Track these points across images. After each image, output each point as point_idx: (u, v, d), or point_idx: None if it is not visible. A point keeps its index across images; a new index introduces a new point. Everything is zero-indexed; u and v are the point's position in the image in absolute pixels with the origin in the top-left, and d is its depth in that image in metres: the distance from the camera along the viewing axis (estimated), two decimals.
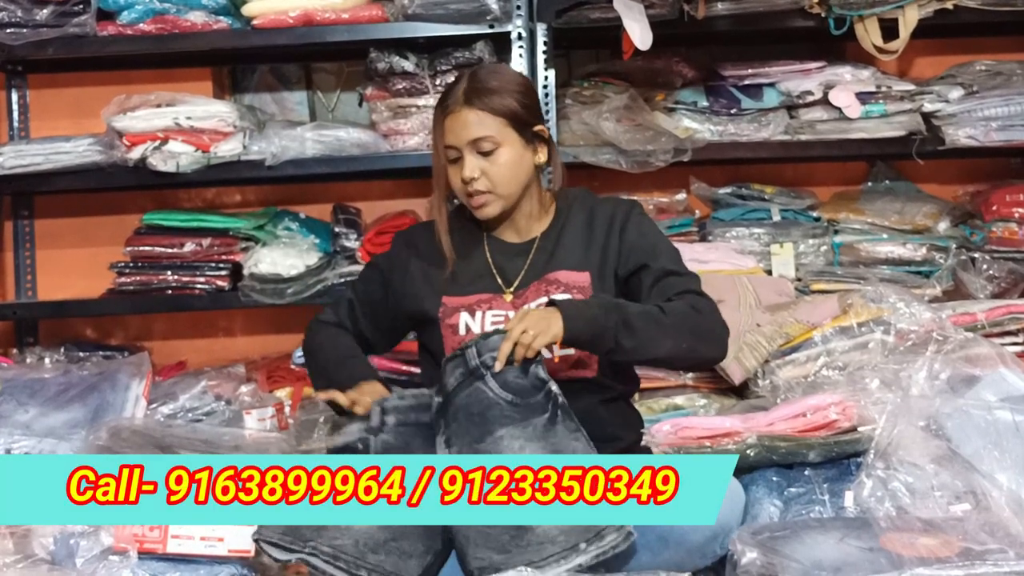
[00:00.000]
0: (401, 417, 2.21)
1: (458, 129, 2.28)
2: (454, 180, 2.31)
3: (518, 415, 2.12)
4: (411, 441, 2.19)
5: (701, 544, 2.09)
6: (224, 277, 3.27)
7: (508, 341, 2.10)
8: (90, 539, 2.26)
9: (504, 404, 2.13)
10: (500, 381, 2.13)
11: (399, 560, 2.05)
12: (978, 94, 3.26)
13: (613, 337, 2.13)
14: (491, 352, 2.13)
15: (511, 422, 2.11)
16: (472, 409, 2.13)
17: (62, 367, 3.14)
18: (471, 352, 2.14)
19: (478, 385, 2.14)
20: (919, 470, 2.19)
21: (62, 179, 3.22)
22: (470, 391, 2.14)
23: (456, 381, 2.15)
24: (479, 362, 2.14)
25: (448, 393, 2.16)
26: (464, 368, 2.15)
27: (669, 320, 2.17)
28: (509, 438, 2.11)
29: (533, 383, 2.13)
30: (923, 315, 2.79)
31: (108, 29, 3.17)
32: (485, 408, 2.13)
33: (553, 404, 2.11)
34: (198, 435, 2.73)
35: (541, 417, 2.11)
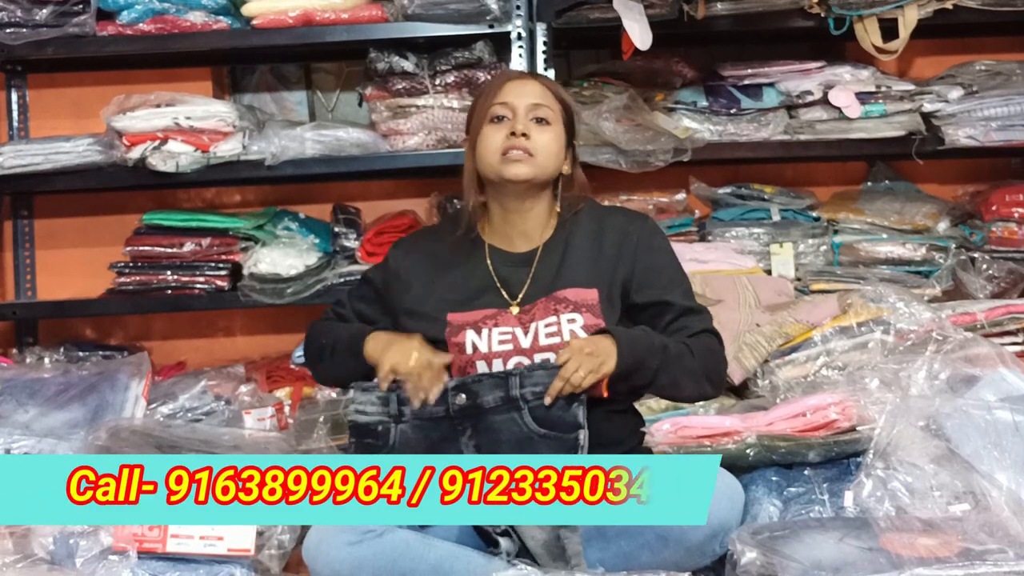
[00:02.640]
0: (416, 410, 2.19)
1: (523, 92, 2.26)
2: (493, 138, 2.24)
3: (546, 448, 2.13)
4: (430, 435, 2.18)
5: (700, 543, 2.09)
6: (224, 277, 3.27)
7: (559, 380, 2.10)
8: (89, 539, 2.26)
9: (536, 438, 2.15)
10: (537, 416, 2.14)
11: None
12: (978, 94, 3.26)
13: (652, 375, 2.16)
14: (534, 387, 2.14)
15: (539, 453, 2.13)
16: (503, 436, 2.16)
17: (62, 367, 3.15)
18: (514, 381, 2.15)
19: (514, 415, 2.15)
20: (918, 470, 2.19)
21: (62, 179, 3.22)
22: (505, 418, 2.16)
23: (493, 402, 2.15)
24: (520, 394, 2.14)
25: (480, 406, 2.16)
26: (504, 393, 2.15)
27: (696, 363, 2.20)
28: None
29: (569, 422, 2.14)
30: (923, 315, 2.80)
31: (108, 29, 3.17)
32: (517, 437, 2.15)
33: (576, 451, 2.13)
34: (197, 435, 2.73)
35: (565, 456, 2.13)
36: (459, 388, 2.16)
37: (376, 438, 2.19)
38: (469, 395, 2.16)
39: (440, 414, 2.17)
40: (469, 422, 2.16)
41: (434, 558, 2.09)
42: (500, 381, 2.15)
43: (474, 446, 2.16)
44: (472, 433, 2.16)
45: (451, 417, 2.16)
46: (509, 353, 2.21)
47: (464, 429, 2.16)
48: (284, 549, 2.35)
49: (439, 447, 2.17)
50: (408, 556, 2.08)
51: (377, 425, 2.20)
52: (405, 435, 2.19)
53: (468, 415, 2.16)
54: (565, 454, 2.11)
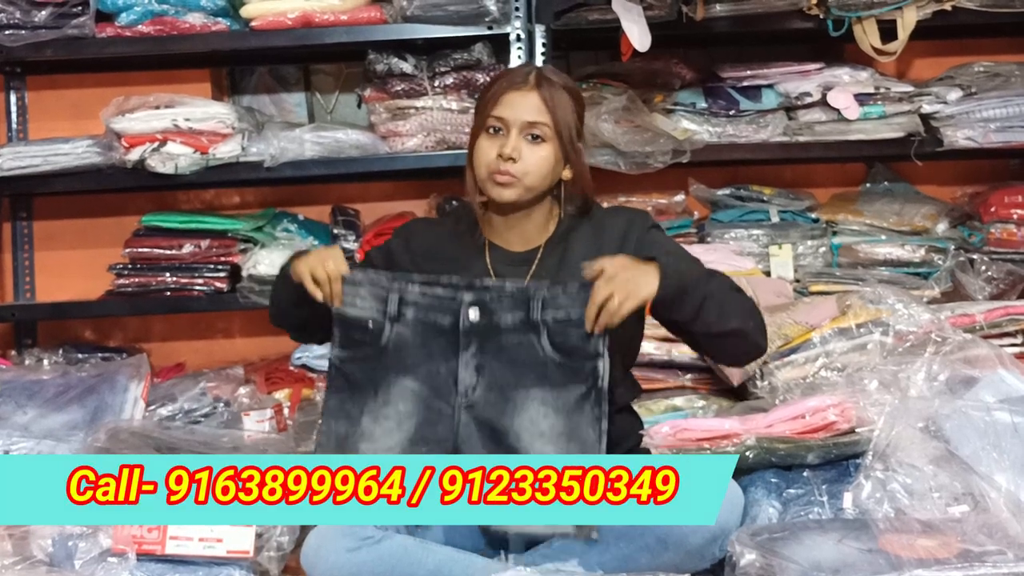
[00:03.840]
0: (420, 315, 2.15)
1: (521, 106, 2.22)
2: (486, 152, 2.23)
3: (560, 377, 2.10)
4: (429, 342, 2.15)
5: (700, 546, 2.09)
6: (223, 279, 3.27)
7: (593, 306, 2.05)
8: (89, 540, 2.26)
9: (551, 364, 2.11)
10: (555, 341, 2.10)
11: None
12: (976, 95, 3.26)
13: (699, 303, 2.10)
14: (555, 311, 2.09)
15: (551, 384, 2.11)
16: (517, 356, 2.12)
17: (60, 369, 3.15)
18: (535, 305, 2.10)
19: (531, 337, 2.11)
20: (918, 471, 2.19)
21: (61, 180, 3.23)
22: (521, 339, 2.12)
23: (510, 322, 2.11)
24: (540, 318, 2.10)
25: (495, 324, 2.12)
26: (524, 315, 2.11)
27: (741, 298, 2.17)
28: (539, 402, 2.12)
29: (588, 351, 2.09)
30: (922, 316, 2.80)
31: (107, 31, 3.17)
32: (531, 362, 2.11)
33: (593, 381, 2.09)
34: (196, 437, 2.74)
35: (578, 388, 2.10)
36: (475, 303, 2.12)
37: (364, 332, 2.16)
38: (484, 312, 2.12)
39: (445, 324, 2.14)
40: (477, 339, 2.13)
41: (432, 563, 2.09)
42: (520, 303, 2.11)
43: (475, 366, 2.13)
44: (477, 351, 2.13)
45: (459, 332, 2.13)
46: None
47: (469, 345, 2.14)
48: (283, 551, 2.35)
49: (435, 359, 2.15)
50: (406, 561, 2.08)
51: (367, 321, 2.16)
52: (402, 338, 2.16)
53: (478, 332, 2.13)
54: (579, 384, 2.09)
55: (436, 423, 2.16)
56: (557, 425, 2.11)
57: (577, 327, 2.09)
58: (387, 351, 2.16)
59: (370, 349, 2.16)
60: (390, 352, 2.16)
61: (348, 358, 2.18)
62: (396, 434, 2.16)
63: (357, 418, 2.17)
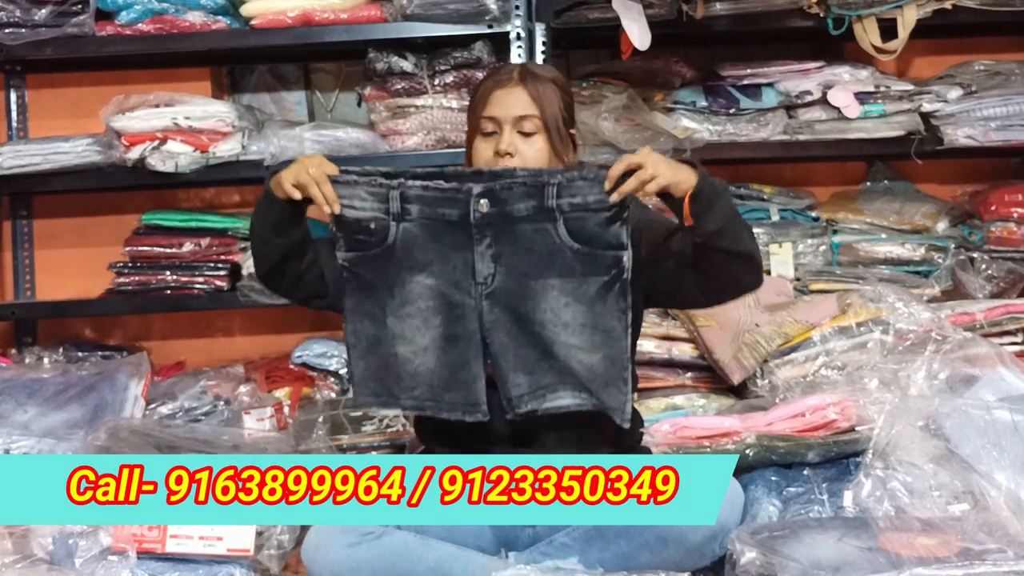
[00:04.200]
0: (427, 209, 2.07)
1: (508, 103, 2.23)
2: (483, 152, 2.23)
3: (579, 267, 2.04)
4: (440, 238, 2.08)
5: (700, 544, 2.09)
6: (223, 277, 3.27)
7: (622, 163, 1.99)
8: (89, 539, 2.26)
9: (568, 252, 2.05)
10: (573, 228, 2.03)
11: (468, 392, 2.11)
12: (977, 94, 3.26)
13: (727, 217, 2.05)
14: (572, 198, 2.02)
15: (569, 274, 2.05)
16: (533, 246, 2.05)
17: (61, 367, 3.15)
18: (550, 190, 2.02)
19: (547, 226, 2.04)
20: (918, 470, 2.20)
21: (61, 179, 3.22)
22: (536, 228, 2.05)
23: (523, 211, 2.04)
24: (555, 204, 2.03)
25: (507, 213, 2.05)
26: (538, 203, 2.03)
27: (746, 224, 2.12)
28: (559, 291, 2.06)
29: (610, 239, 2.03)
30: (922, 315, 2.80)
31: (107, 29, 3.17)
32: (547, 251, 2.05)
33: (617, 273, 2.04)
34: (197, 435, 2.74)
35: (600, 279, 2.04)
36: (485, 194, 2.04)
37: (370, 235, 2.09)
38: (495, 202, 2.05)
39: (454, 218, 2.07)
40: (490, 230, 2.06)
41: (433, 559, 2.10)
42: (534, 190, 2.03)
43: (492, 256, 2.07)
44: (492, 242, 2.07)
45: (470, 224, 2.06)
46: None
47: (483, 237, 2.07)
48: (283, 549, 2.35)
49: (448, 254, 2.08)
50: (407, 558, 2.08)
51: (370, 222, 2.09)
52: (410, 234, 2.08)
53: (491, 223, 2.06)
54: (600, 275, 2.04)
55: (462, 317, 2.09)
56: (579, 315, 2.06)
57: (595, 212, 2.01)
58: (396, 250, 2.09)
59: (378, 249, 2.09)
60: (399, 250, 2.09)
61: (357, 259, 2.12)
62: (426, 332, 2.11)
63: (382, 319, 2.12)
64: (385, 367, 2.14)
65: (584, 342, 2.07)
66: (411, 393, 2.14)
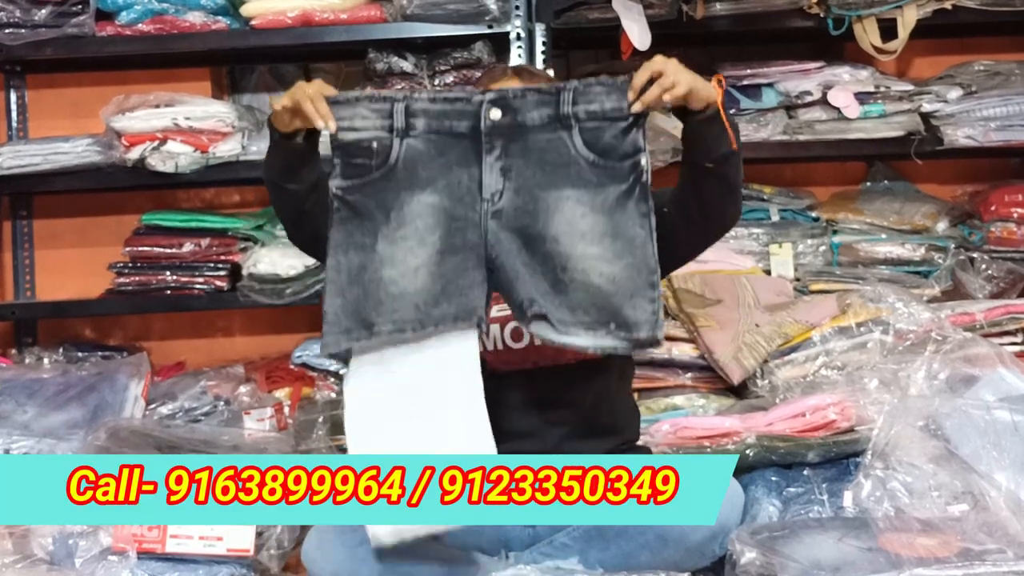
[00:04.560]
0: (433, 123, 2.00)
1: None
2: None
3: (595, 178, 1.97)
4: (447, 151, 2.00)
5: (700, 544, 2.09)
6: (223, 277, 3.27)
7: (645, 71, 1.93)
8: (89, 539, 2.27)
9: (584, 164, 1.97)
10: (588, 138, 1.97)
11: (463, 299, 1.98)
12: (977, 94, 3.26)
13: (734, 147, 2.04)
14: (588, 104, 1.96)
15: (585, 185, 1.97)
16: (547, 156, 1.98)
17: (61, 367, 3.15)
18: (566, 96, 1.96)
19: (561, 135, 1.98)
20: (917, 470, 2.19)
21: (61, 179, 3.22)
22: (551, 137, 1.98)
23: (537, 120, 1.98)
24: (571, 111, 1.97)
25: (520, 122, 1.98)
26: (553, 111, 1.97)
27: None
28: (575, 202, 1.97)
29: (626, 149, 1.97)
30: (922, 315, 2.80)
31: (107, 29, 3.17)
32: (562, 161, 1.98)
33: (636, 178, 1.96)
34: (197, 435, 2.74)
35: (618, 187, 1.97)
36: (496, 102, 1.98)
37: (370, 156, 2.00)
38: (508, 110, 1.98)
39: (463, 129, 2.00)
40: (501, 140, 1.99)
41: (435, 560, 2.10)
42: (549, 97, 1.97)
43: (501, 169, 1.99)
44: (502, 153, 1.99)
45: (480, 134, 1.99)
46: (507, 318, 2.21)
47: (493, 148, 1.99)
48: (283, 549, 2.35)
49: (453, 169, 2.00)
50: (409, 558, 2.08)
51: (371, 141, 1.99)
52: (414, 151, 1.99)
53: (502, 132, 1.99)
54: (618, 183, 1.97)
55: (464, 229, 2.00)
56: (598, 224, 1.97)
57: (612, 120, 1.96)
58: (397, 170, 2.00)
59: (377, 173, 2.00)
60: (401, 170, 1.99)
61: (352, 187, 2.01)
62: (420, 251, 1.98)
63: (371, 246, 1.99)
64: (365, 296, 1.98)
65: (605, 251, 1.96)
66: (390, 317, 1.96)
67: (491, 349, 2.24)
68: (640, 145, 1.96)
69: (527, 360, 2.24)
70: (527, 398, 2.23)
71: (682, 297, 3.00)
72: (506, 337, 2.24)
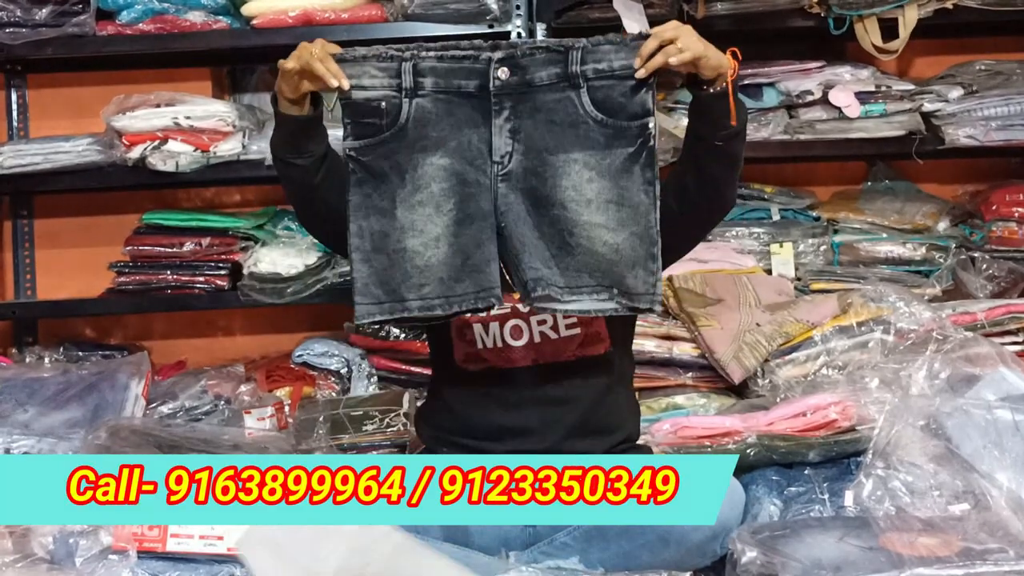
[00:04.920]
0: (441, 82, 1.99)
1: None
2: None
3: (603, 139, 1.97)
4: (455, 111, 2.00)
5: (701, 544, 2.09)
6: (223, 277, 3.27)
7: (655, 40, 1.94)
8: (89, 538, 2.26)
9: (592, 124, 1.97)
10: (597, 98, 1.97)
11: (480, 276, 2.02)
12: (978, 94, 3.26)
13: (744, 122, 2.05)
14: (597, 64, 1.96)
15: (593, 147, 1.98)
16: (555, 117, 1.98)
17: (61, 367, 3.15)
18: (574, 55, 1.95)
19: (570, 95, 1.97)
20: (919, 469, 2.19)
21: (61, 179, 3.22)
22: (559, 97, 1.98)
23: (545, 79, 1.97)
24: (579, 71, 1.96)
25: (528, 81, 1.98)
26: (561, 70, 1.97)
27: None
28: (582, 165, 1.99)
29: (635, 109, 1.97)
30: (923, 314, 2.80)
31: (107, 29, 3.17)
32: (570, 122, 1.98)
33: (643, 141, 1.97)
34: (197, 435, 2.73)
35: (625, 150, 1.98)
36: (504, 61, 1.97)
37: (380, 116, 1.99)
38: (515, 70, 1.98)
39: (471, 89, 1.99)
40: (509, 100, 1.99)
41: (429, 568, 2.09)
42: (557, 56, 1.96)
43: (509, 131, 2.00)
44: (511, 114, 1.99)
45: (489, 93, 1.99)
46: (507, 316, 2.21)
47: (502, 109, 2.00)
48: None
49: (463, 129, 2.01)
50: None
51: (380, 101, 1.99)
52: (423, 112, 1.99)
53: (510, 92, 1.99)
54: (625, 146, 1.97)
55: (476, 196, 2.02)
56: (604, 191, 1.98)
57: (621, 80, 1.96)
58: (408, 130, 2.00)
59: (387, 133, 2.00)
60: (411, 130, 2.00)
61: (364, 147, 2.01)
62: (438, 219, 2.01)
63: (391, 211, 2.01)
64: (392, 266, 2.02)
65: (609, 219, 1.98)
66: (419, 292, 2.02)
67: (491, 347, 2.24)
68: (649, 107, 1.97)
69: (527, 357, 2.24)
70: (527, 396, 2.22)
71: (683, 296, 3.00)
72: (506, 334, 2.24)
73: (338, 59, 1.98)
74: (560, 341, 2.21)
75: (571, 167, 1.99)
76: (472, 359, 2.25)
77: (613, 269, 2.00)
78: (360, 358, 3.21)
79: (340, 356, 3.22)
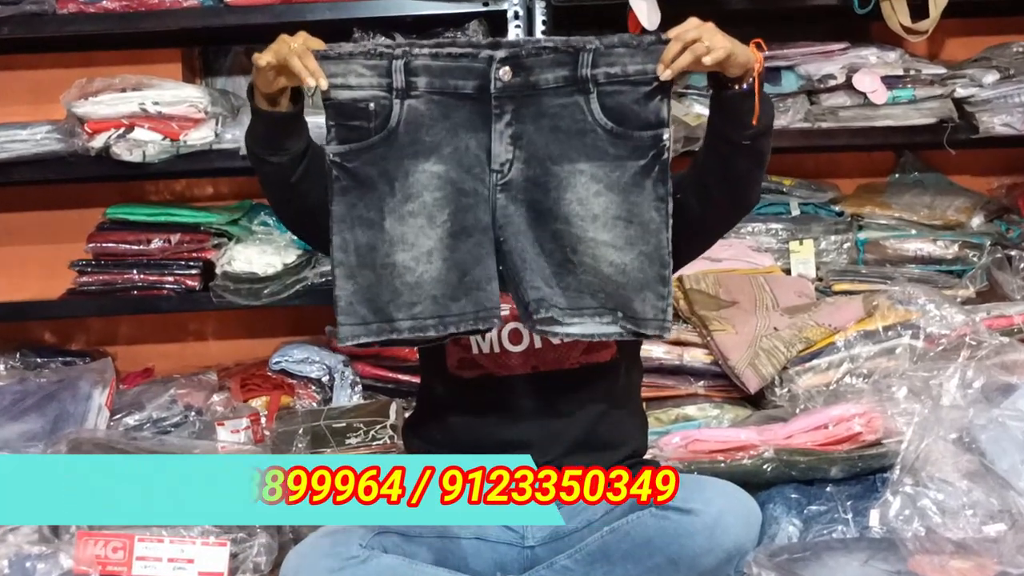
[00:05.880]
0: (436, 82, 1.96)
1: None
2: None
3: (612, 150, 1.96)
4: (452, 114, 1.97)
5: (714, 567, 2.09)
6: (194, 276, 3.27)
7: (678, 43, 1.90)
8: (48, 561, 2.27)
9: (601, 132, 1.96)
10: (608, 104, 1.94)
11: (480, 294, 2.01)
12: (1015, 78, 3.26)
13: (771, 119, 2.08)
14: (609, 68, 1.93)
15: (601, 157, 1.96)
16: (561, 123, 1.96)
17: (18, 374, 3.16)
18: (585, 57, 1.93)
19: (578, 100, 1.95)
20: (950, 487, 2.20)
21: (18, 169, 3.22)
22: (566, 102, 1.96)
23: (552, 81, 1.95)
24: (590, 74, 1.94)
25: (533, 83, 1.95)
26: (570, 72, 1.94)
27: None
28: (588, 178, 1.97)
29: (648, 118, 1.95)
30: (955, 318, 2.81)
31: (68, 7, 3.16)
32: (577, 130, 1.96)
33: (657, 154, 1.95)
34: (166, 448, 2.73)
35: (636, 162, 1.95)
36: (508, 60, 1.94)
37: (367, 119, 1.96)
38: (520, 71, 1.95)
39: (469, 90, 1.97)
40: (512, 104, 1.97)
41: None
42: (566, 57, 1.93)
43: (511, 137, 1.98)
44: (513, 119, 1.97)
45: (489, 95, 1.97)
46: (505, 319, 2.21)
47: (503, 113, 1.97)
48: (260, 573, 2.35)
49: (460, 133, 1.98)
50: None
51: (368, 102, 1.96)
52: (416, 112, 1.96)
53: (513, 95, 1.97)
54: (636, 158, 1.95)
55: (474, 207, 1.99)
56: (612, 206, 1.97)
57: (635, 86, 1.94)
58: (398, 134, 1.96)
59: (376, 137, 1.97)
60: (402, 135, 1.96)
61: (350, 152, 1.97)
62: (431, 231, 1.98)
63: (379, 222, 1.98)
64: (379, 282, 1.99)
65: (616, 238, 1.97)
66: (410, 311, 1.99)
67: (487, 352, 2.24)
68: (664, 117, 1.95)
69: (527, 364, 2.24)
70: (527, 406, 2.22)
71: (694, 298, 3.01)
72: (504, 339, 2.24)
73: (321, 56, 1.95)
74: (562, 347, 2.22)
75: (577, 179, 1.97)
76: (467, 365, 2.25)
77: (619, 291, 1.99)
78: (343, 365, 3.21)
79: (321, 363, 3.22)
